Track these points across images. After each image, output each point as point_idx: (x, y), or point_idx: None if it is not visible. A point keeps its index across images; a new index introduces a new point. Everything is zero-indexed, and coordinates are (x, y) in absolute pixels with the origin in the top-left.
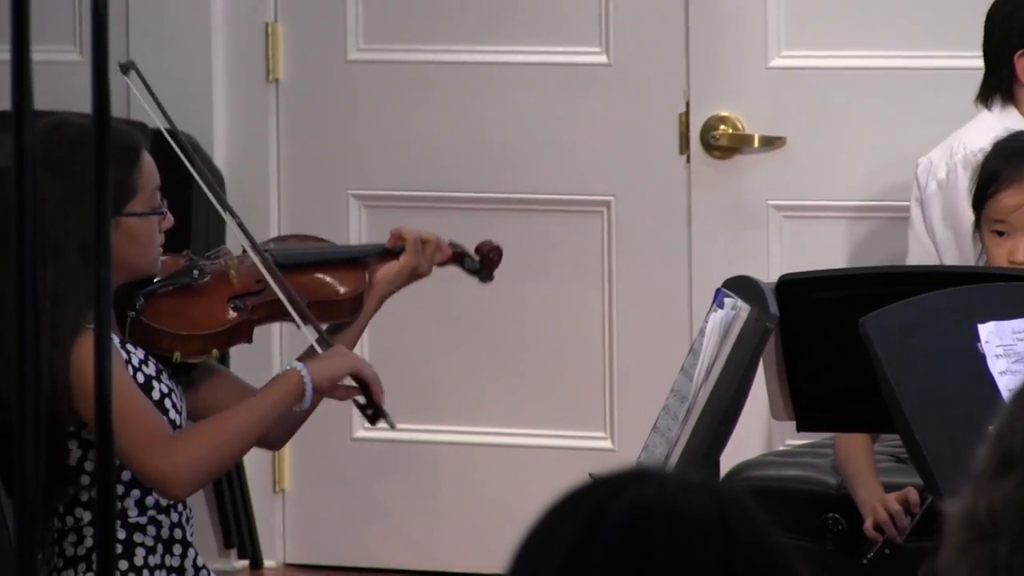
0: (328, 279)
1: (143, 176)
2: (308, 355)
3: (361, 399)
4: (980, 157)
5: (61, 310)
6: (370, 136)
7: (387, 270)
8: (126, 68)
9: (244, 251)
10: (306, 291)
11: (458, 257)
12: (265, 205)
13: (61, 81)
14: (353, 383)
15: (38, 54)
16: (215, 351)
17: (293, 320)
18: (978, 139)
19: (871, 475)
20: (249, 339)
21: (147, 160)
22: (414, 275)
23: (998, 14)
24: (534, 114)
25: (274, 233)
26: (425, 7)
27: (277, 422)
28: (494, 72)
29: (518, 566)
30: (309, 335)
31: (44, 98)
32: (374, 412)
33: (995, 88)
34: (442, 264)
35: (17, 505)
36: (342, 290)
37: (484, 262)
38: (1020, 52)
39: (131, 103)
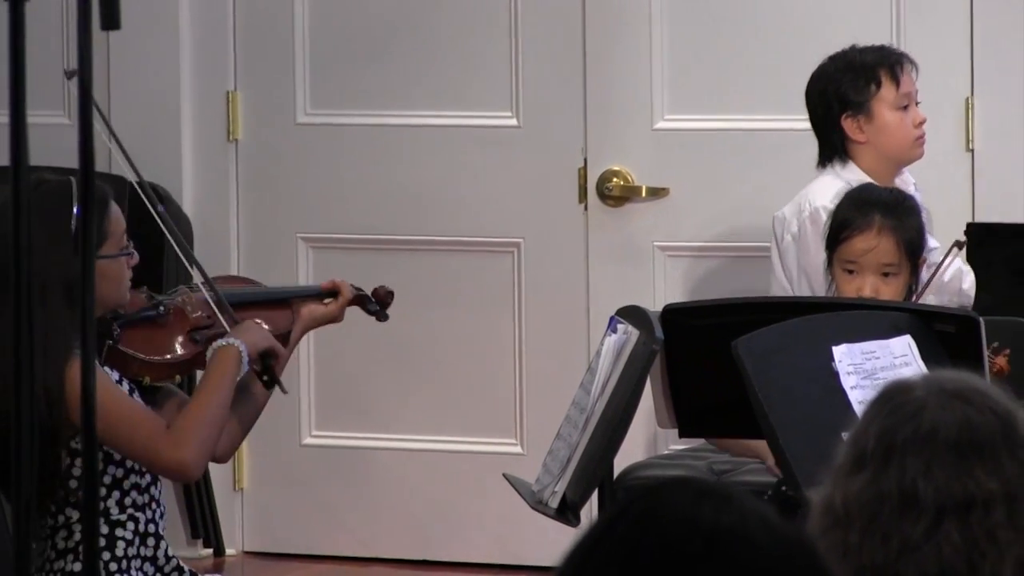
0: (264, 315)
1: (111, 223)
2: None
3: (258, 367)
4: (823, 213)
5: (52, 341)
6: (316, 187)
7: (312, 309)
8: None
9: (192, 288)
10: None
11: (360, 300)
12: (227, 245)
13: (51, 141)
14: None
15: (32, 118)
16: (177, 376)
17: None
18: (821, 197)
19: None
20: (203, 367)
21: (114, 209)
22: (332, 319)
23: (815, 91)
24: (455, 168)
25: (234, 269)
26: (363, 78)
27: (233, 391)
28: (421, 133)
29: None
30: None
31: (37, 156)
32: (270, 379)
33: (832, 152)
34: (348, 304)
35: (14, 504)
36: (276, 325)
37: (380, 302)
38: (844, 115)
39: (112, 159)
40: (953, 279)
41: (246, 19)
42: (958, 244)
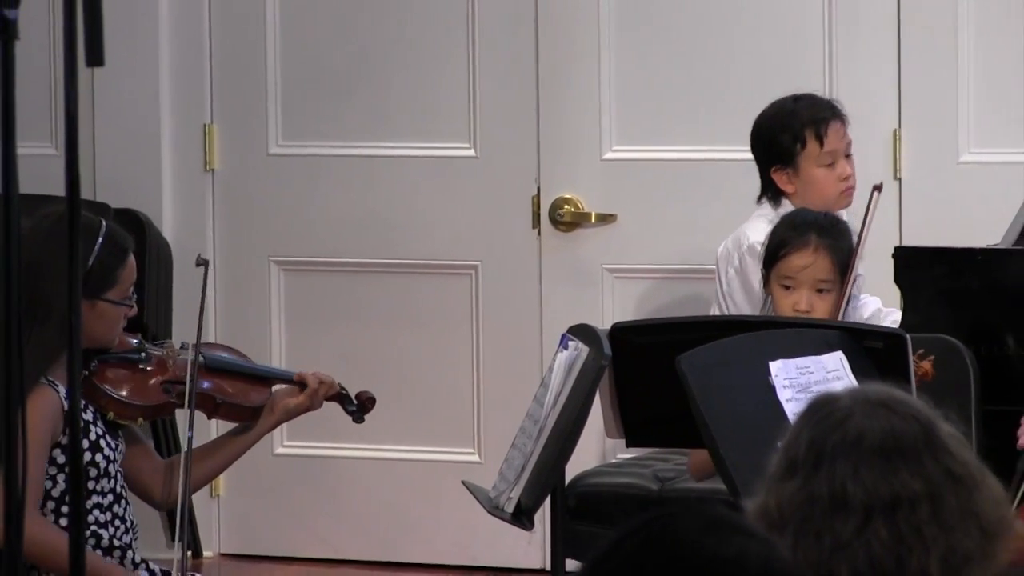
0: (241, 387)
1: (125, 273)
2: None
3: None
4: (758, 248)
5: (29, 364)
6: (287, 214)
7: (287, 403)
8: (200, 263)
9: (183, 346)
10: (222, 391)
11: (340, 398)
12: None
13: (40, 171)
14: None
15: (21, 149)
16: (141, 420)
17: (203, 413)
18: (758, 233)
19: None
20: (171, 416)
21: (131, 261)
22: (307, 410)
23: (753, 137)
24: (417, 196)
25: (210, 290)
26: (331, 112)
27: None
28: (386, 163)
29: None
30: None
31: (27, 185)
32: None
33: (767, 189)
34: (328, 400)
35: (5, 507)
36: (249, 399)
37: (360, 406)
38: (773, 168)
39: (96, 187)
40: (872, 318)
41: (222, 57)
42: (877, 188)
